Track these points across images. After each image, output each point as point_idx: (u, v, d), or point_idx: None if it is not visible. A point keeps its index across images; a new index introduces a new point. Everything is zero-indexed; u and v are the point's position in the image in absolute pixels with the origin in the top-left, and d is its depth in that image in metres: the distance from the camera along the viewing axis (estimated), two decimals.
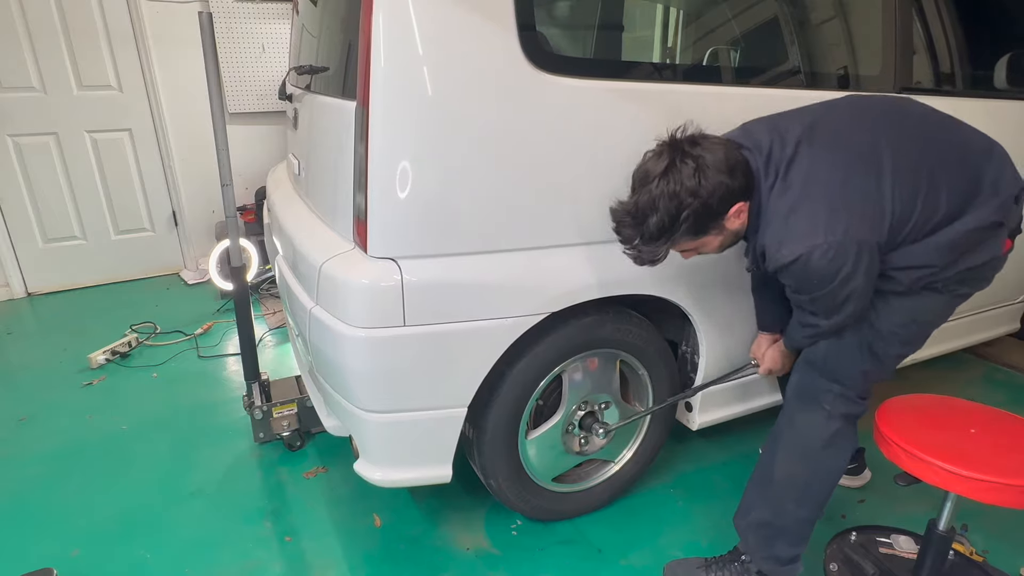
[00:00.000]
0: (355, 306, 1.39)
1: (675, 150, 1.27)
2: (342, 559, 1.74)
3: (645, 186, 1.28)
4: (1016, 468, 1.24)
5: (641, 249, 1.33)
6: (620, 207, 1.33)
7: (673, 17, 1.86)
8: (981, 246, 1.33)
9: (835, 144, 1.29)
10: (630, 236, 1.33)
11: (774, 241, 1.26)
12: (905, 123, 1.33)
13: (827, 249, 1.20)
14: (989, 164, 1.31)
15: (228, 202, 2.02)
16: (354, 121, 1.38)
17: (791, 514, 1.48)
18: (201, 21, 1.85)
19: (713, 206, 1.27)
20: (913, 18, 1.90)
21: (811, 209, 1.24)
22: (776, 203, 1.28)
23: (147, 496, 1.98)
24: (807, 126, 1.32)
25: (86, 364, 2.79)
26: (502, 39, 1.32)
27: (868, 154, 1.27)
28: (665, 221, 1.26)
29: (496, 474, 1.69)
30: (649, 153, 1.32)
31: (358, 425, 1.53)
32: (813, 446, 1.46)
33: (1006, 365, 2.87)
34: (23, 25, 3.31)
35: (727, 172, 1.26)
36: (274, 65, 3.77)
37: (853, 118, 1.36)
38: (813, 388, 1.47)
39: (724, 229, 1.33)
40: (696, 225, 1.29)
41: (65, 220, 3.70)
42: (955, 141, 1.33)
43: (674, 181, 1.25)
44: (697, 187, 1.24)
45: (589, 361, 1.71)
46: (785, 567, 1.52)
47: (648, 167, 1.30)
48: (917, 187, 1.26)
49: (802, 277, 1.27)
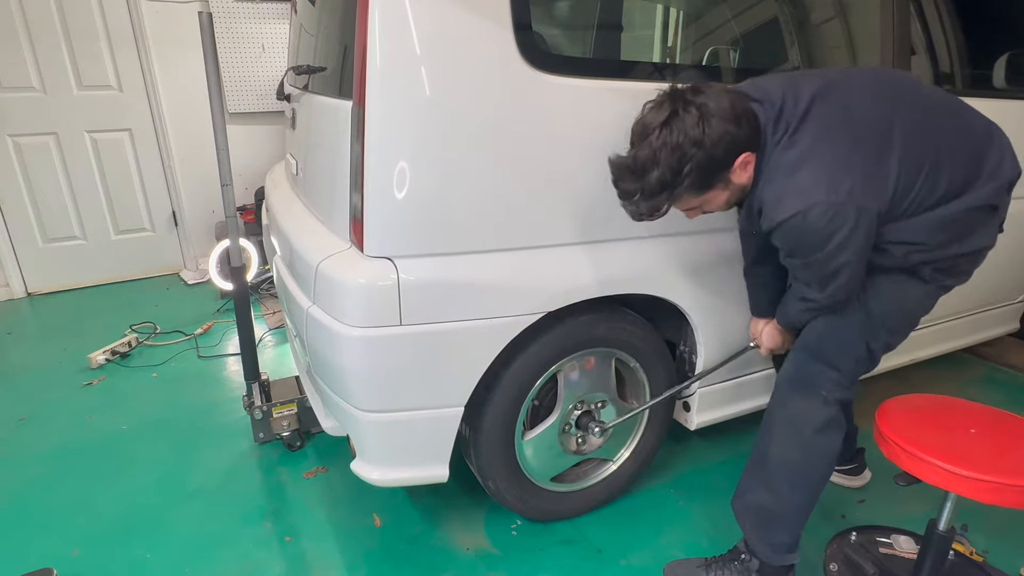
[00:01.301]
0: (351, 305, 1.39)
1: (676, 99, 1.21)
2: (342, 559, 1.74)
3: (645, 139, 1.22)
4: (1016, 468, 1.23)
5: (641, 204, 1.26)
6: (619, 160, 1.27)
7: (672, 17, 1.86)
8: (975, 232, 1.33)
9: (849, 108, 1.26)
10: (629, 191, 1.26)
11: (773, 196, 1.22)
12: (918, 103, 1.32)
13: (827, 208, 1.17)
14: (990, 150, 1.31)
15: (228, 202, 2.02)
16: (350, 121, 1.38)
17: (787, 499, 1.48)
18: (201, 21, 1.85)
19: (718, 157, 1.21)
20: (912, 18, 1.90)
21: (816, 167, 1.20)
22: (780, 157, 1.23)
23: (147, 496, 1.98)
24: (823, 86, 1.28)
25: (86, 364, 2.79)
26: (498, 39, 1.32)
27: (880, 125, 1.25)
28: (667, 175, 1.20)
29: (493, 475, 1.69)
30: (648, 104, 1.25)
31: (355, 425, 1.53)
32: (808, 431, 1.45)
33: (1006, 365, 2.86)
34: (23, 25, 3.31)
35: (733, 120, 1.20)
36: (274, 65, 3.77)
37: (871, 87, 1.32)
38: (810, 374, 1.46)
39: (730, 183, 1.28)
40: (700, 178, 1.23)
41: (65, 220, 3.70)
42: (961, 126, 1.32)
43: (676, 131, 1.18)
44: (701, 136, 1.18)
45: (585, 360, 1.71)
46: (783, 554, 1.51)
47: (647, 119, 1.23)
48: (921, 165, 1.25)
49: (797, 237, 1.23)
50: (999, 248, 2.25)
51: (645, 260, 1.62)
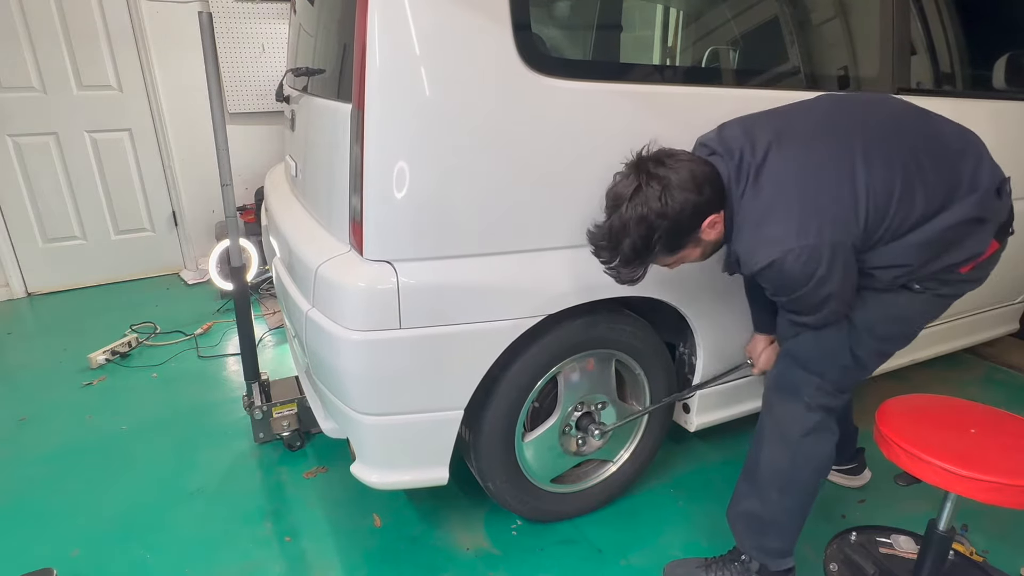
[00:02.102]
0: (351, 309, 1.39)
1: (640, 172, 1.28)
2: (342, 559, 1.74)
3: (616, 210, 1.30)
4: (1016, 468, 1.23)
5: (620, 271, 1.35)
6: (596, 231, 1.35)
7: (671, 18, 1.86)
8: (960, 243, 1.32)
9: (806, 148, 1.29)
10: (608, 258, 1.35)
11: (747, 248, 1.28)
12: (880, 123, 1.32)
13: (799, 253, 1.21)
14: (964, 160, 1.30)
15: (228, 202, 2.02)
16: (350, 123, 1.38)
17: (776, 503, 1.49)
18: (201, 21, 1.85)
19: (684, 223, 1.28)
20: (911, 19, 1.89)
21: (783, 214, 1.24)
22: (747, 209, 1.28)
23: (147, 496, 1.99)
24: (778, 129, 1.32)
25: (86, 364, 2.79)
26: (497, 42, 1.32)
27: (840, 157, 1.26)
28: (638, 243, 1.28)
29: (494, 476, 1.69)
30: (619, 175, 1.33)
31: (354, 427, 1.53)
32: (793, 436, 1.47)
33: (1006, 365, 2.86)
34: (23, 25, 3.31)
35: (694, 189, 1.26)
36: (274, 65, 3.77)
37: (826, 119, 1.35)
38: (794, 380, 1.48)
39: (701, 241, 1.34)
40: (670, 243, 1.31)
41: (65, 220, 3.70)
42: (930, 139, 1.31)
43: (641, 204, 1.25)
44: (664, 208, 1.25)
45: (585, 362, 1.71)
46: (776, 559, 1.52)
47: (618, 189, 1.31)
48: (891, 188, 1.25)
49: (777, 281, 1.28)
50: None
51: None
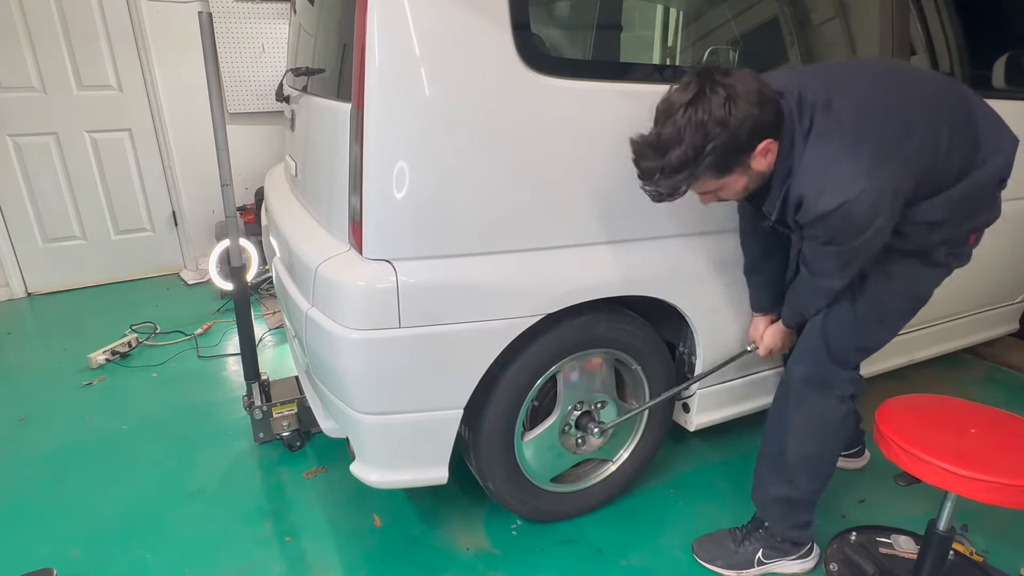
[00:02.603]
0: (350, 308, 1.39)
1: (704, 79, 1.21)
2: (342, 559, 1.74)
3: (670, 117, 1.22)
4: (1016, 468, 1.23)
5: (661, 184, 1.26)
6: (641, 139, 1.27)
7: (671, 18, 1.86)
8: (984, 206, 1.38)
9: (869, 97, 1.29)
10: (650, 170, 1.26)
11: (814, 188, 1.23)
12: (921, 86, 1.35)
13: (872, 194, 1.19)
14: (982, 124, 1.35)
15: (228, 202, 2.02)
16: (349, 123, 1.38)
17: (806, 486, 1.58)
18: (201, 21, 1.85)
19: (741, 139, 1.21)
20: (911, 17, 1.89)
21: (852, 155, 1.21)
22: (813, 150, 1.24)
23: (147, 496, 1.98)
24: (833, 80, 1.31)
25: (86, 364, 2.79)
26: (497, 42, 1.32)
27: (898, 112, 1.28)
28: (689, 153, 1.20)
29: (493, 476, 1.69)
30: (675, 85, 1.25)
31: (354, 427, 1.53)
32: (830, 428, 1.54)
33: (1006, 365, 2.86)
34: (23, 25, 3.31)
35: (758, 104, 1.20)
36: (274, 65, 3.76)
37: (877, 77, 1.36)
38: (827, 376, 1.51)
39: (749, 168, 1.28)
40: (721, 160, 1.23)
41: (65, 220, 3.70)
42: (959, 105, 1.35)
43: (702, 110, 1.18)
44: (726, 117, 1.18)
45: (584, 361, 1.71)
46: (806, 531, 1.65)
47: (673, 98, 1.23)
48: (938, 146, 1.28)
49: (840, 226, 1.23)
50: (999, 248, 2.26)
51: (644, 262, 1.62)
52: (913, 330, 2.32)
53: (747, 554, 1.67)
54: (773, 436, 1.60)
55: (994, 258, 2.30)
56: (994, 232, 1.53)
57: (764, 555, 1.66)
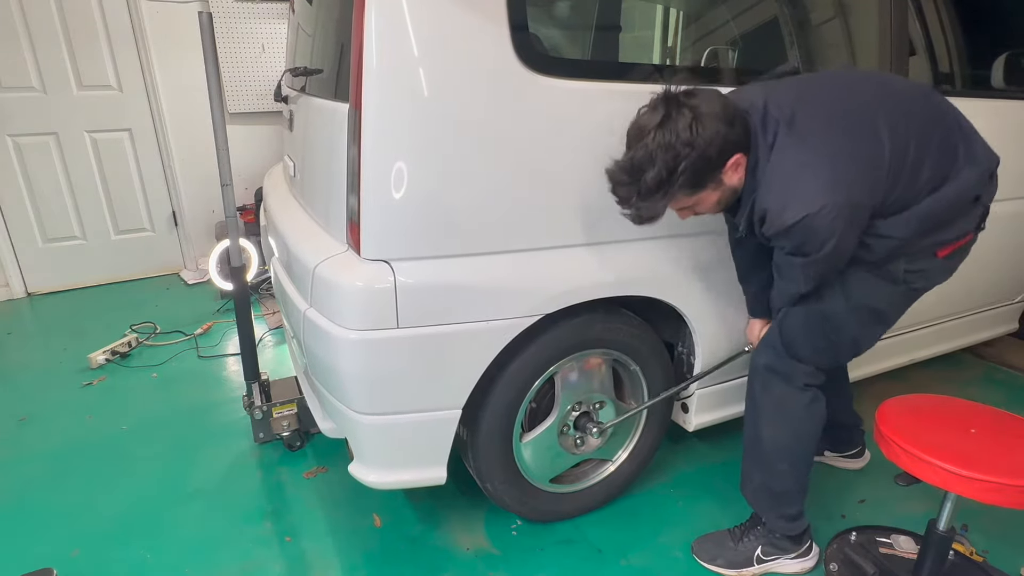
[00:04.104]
0: (348, 308, 1.39)
1: (670, 102, 1.25)
2: (342, 559, 1.74)
3: (640, 140, 1.26)
4: (1016, 468, 1.23)
5: (639, 207, 1.30)
6: (615, 166, 1.30)
7: (670, 18, 1.86)
8: (953, 222, 1.38)
9: (834, 111, 1.30)
10: (626, 195, 1.30)
11: (777, 204, 1.26)
12: (893, 95, 1.36)
13: (831, 210, 1.21)
14: (959, 136, 1.35)
15: (228, 202, 2.02)
16: (347, 123, 1.38)
17: (787, 474, 1.60)
18: (201, 21, 1.85)
19: (711, 157, 1.25)
20: (911, 17, 1.89)
21: (816, 170, 1.24)
22: (777, 164, 1.27)
23: (147, 496, 1.99)
24: (800, 93, 1.33)
25: (86, 364, 2.79)
26: (495, 42, 1.32)
27: (865, 122, 1.29)
28: (663, 174, 1.24)
29: (492, 477, 1.69)
30: (643, 108, 1.29)
31: (352, 427, 1.53)
32: (795, 414, 1.57)
33: (1006, 365, 2.86)
34: (23, 25, 3.31)
35: (725, 121, 1.24)
36: (274, 65, 3.77)
37: (847, 87, 1.38)
38: (786, 368, 1.55)
39: (722, 183, 1.32)
40: (694, 178, 1.26)
41: (65, 220, 3.70)
42: (933, 115, 1.36)
43: (670, 132, 1.22)
44: (694, 137, 1.22)
45: (583, 361, 1.71)
46: (795, 523, 1.64)
47: (642, 122, 1.27)
48: (906, 157, 1.29)
49: (801, 239, 1.27)
50: (998, 248, 2.26)
51: (643, 262, 1.62)
52: (913, 330, 2.33)
53: (746, 551, 1.68)
54: (750, 421, 1.64)
55: (993, 258, 2.30)
56: (994, 232, 1.53)
57: (763, 552, 1.67)
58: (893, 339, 2.26)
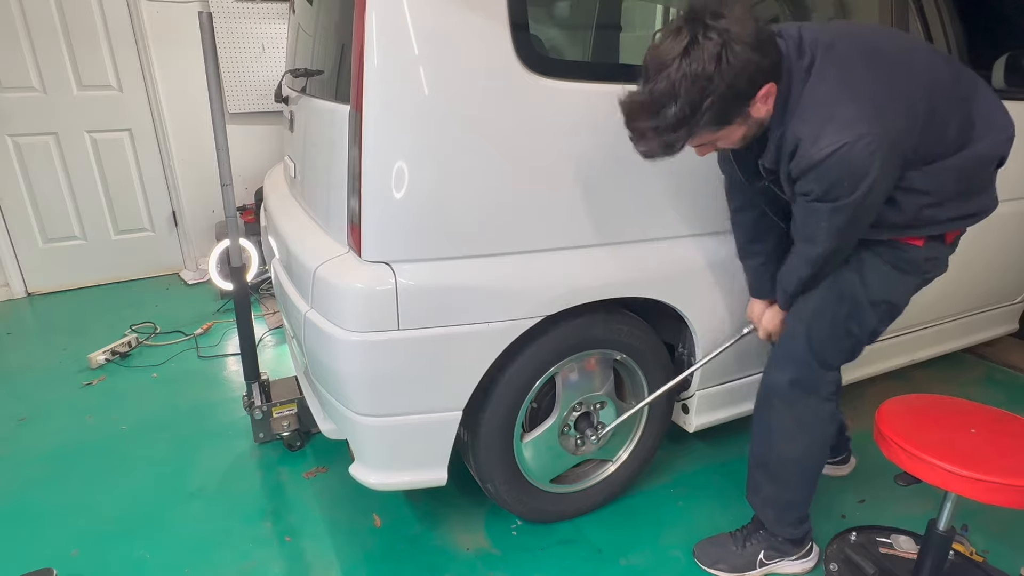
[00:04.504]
0: (349, 310, 1.39)
1: (696, 24, 1.10)
2: (342, 559, 1.74)
3: (662, 71, 1.11)
4: (1016, 468, 1.23)
5: (655, 142, 1.18)
6: (631, 98, 1.18)
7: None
8: (980, 191, 1.35)
9: (876, 43, 1.25)
10: (644, 130, 1.18)
11: (813, 131, 1.16)
12: (920, 50, 1.33)
13: (870, 141, 1.12)
14: (977, 99, 1.33)
15: (228, 202, 2.02)
16: (348, 125, 1.38)
17: (797, 485, 1.60)
18: (201, 21, 1.85)
19: (741, 88, 1.12)
20: (911, 17, 1.89)
21: (853, 98, 1.15)
22: (812, 93, 1.17)
23: (147, 496, 1.99)
24: (840, 26, 1.30)
25: (86, 364, 2.79)
26: (495, 43, 1.32)
27: (902, 64, 1.23)
28: (686, 110, 1.11)
29: (493, 477, 1.69)
30: (662, 32, 1.15)
31: (353, 429, 1.53)
32: (816, 429, 1.55)
33: (1006, 365, 2.86)
34: (23, 25, 3.31)
35: (756, 48, 1.10)
36: (274, 65, 3.76)
37: (884, 31, 1.36)
38: (813, 380, 1.51)
39: (749, 117, 1.20)
40: (721, 112, 1.14)
41: (65, 220, 3.70)
42: (954, 75, 1.32)
43: (696, 61, 1.08)
44: (723, 68, 1.08)
45: (583, 362, 1.71)
46: (803, 526, 1.66)
47: (663, 48, 1.12)
48: (935, 108, 1.24)
49: (836, 176, 1.16)
50: (998, 248, 2.26)
51: (643, 264, 1.62)
52: (913, 330, 2.32)
53: (749, 555, 1.67)
54: (763, 439, 1.60)
55: (994, 258, 2.31)
56: (994, 232, 1.53)
57: (766, 555, 1.67)
58: (893, 339, 2.26)
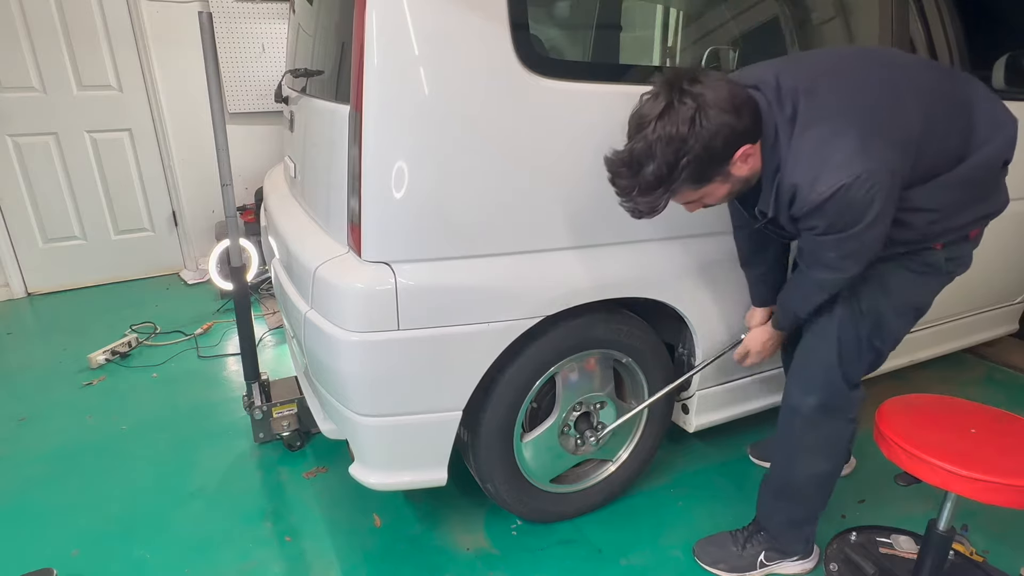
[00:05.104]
0: (349, 310, 1.39)
1: (672, 89, 1.15)
2: (342, 559, 1.74)
3: (640, 131, 1.17)
4: (1016, 468, 1.23)
5: (638, 200, 1.23)
6: (615, 156, 1.23)
7: (671, 19, 1.85)
8: (988, 195, 1.35)
9: (858, 75, 1.26)
10: (626, 187, 1.22)
11: (808, 176, 1.17)
12: (910, 65, 1.33)
13: (867, 177, 1.13)
14: (982, 105, 1.32)
15: (228, 202, 2.02)
16: (348, 125, 1.38)
17: (815, 499, 1.61)
18: (201, 21, 1.85)
19: (716, 150, 1.17)
20: (911, 17, 1.89)
21: (845, 139, 1.16)
22: (801, 138, 1.19)
23: (147, 496, 1.99)
24: (818, 60, 1.30)
25: (86, 364, 2.79)
26: (495, 43, 1.32)
27: (890, 90, 1.24)
28: (663, 169, 1.16)
29: (493, 477, 1.69)
30: (646, 95, 1.20)
31: (353, 429, 1.53)
32: (840, 448, 1.56)
33: (1006, 365, 2.86)
34: (23, 25, 3.31)
35: (732, 111, 1.15)
36: (274, 65, 3.76)
37: (864, 58, 1.33)
38: (844, 402, 1.51)
39: (730, 176, 1.24)
40: (697, 172, 1.19)
41: (65, 220, 3.70)
42: (954, 85, 1.33)
43: (671, 123, 1.13)
44: (697, 130, 1.13)
45: (583, 362, 1.71)
46: (810, 537, 1.69)
47: (643, 110, 1.18)
48: (934, 124, 1.24)
49: (838, 212, 1.18)
50: (999, 248, 2.26)
51: (644, 264, 1.62)
52: (914, 331, 2.32)
53: (750, 557, 1.67)
54: (783, 461, 1.60)
55: (994, 258, 2.30)
56: (994, 232, 1.53)
57: (766, 556, 1.67)
58: None
